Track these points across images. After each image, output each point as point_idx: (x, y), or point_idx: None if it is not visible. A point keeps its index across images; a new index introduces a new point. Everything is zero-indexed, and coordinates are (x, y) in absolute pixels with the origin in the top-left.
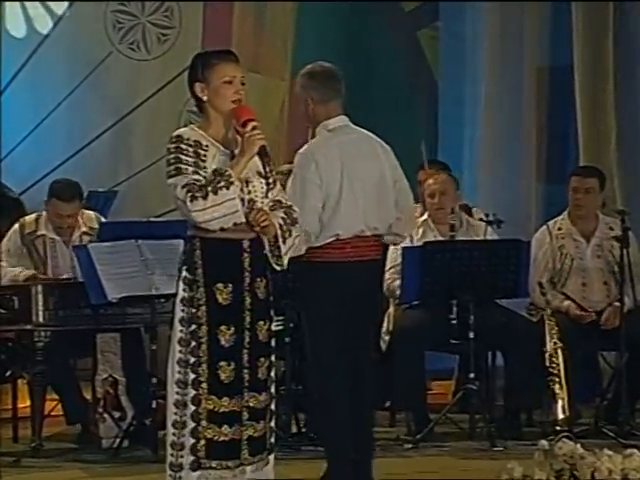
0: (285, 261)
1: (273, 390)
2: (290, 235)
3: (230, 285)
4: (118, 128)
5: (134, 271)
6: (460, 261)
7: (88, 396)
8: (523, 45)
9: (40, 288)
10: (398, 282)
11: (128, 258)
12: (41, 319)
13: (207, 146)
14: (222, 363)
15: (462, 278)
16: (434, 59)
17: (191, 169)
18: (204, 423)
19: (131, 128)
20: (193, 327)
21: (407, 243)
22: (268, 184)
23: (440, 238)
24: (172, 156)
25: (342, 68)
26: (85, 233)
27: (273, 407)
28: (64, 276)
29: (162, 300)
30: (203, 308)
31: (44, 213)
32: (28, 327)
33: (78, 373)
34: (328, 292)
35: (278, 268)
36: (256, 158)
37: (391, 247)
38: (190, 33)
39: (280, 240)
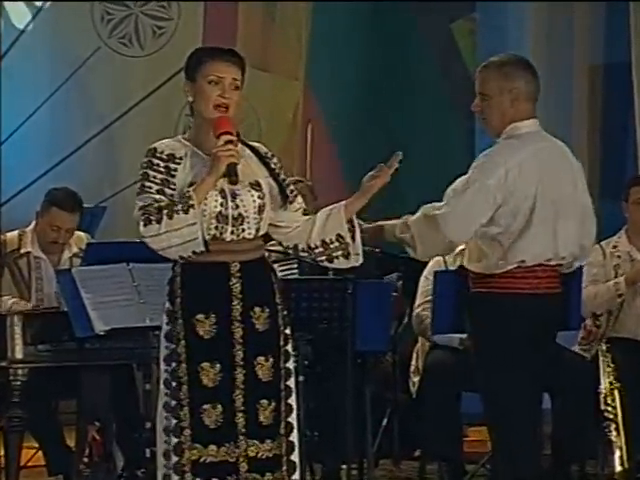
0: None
1: (294, 438)
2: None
3: (213, 315)
4: (106, 135)
5: (125, 299)
6: None
7: (71, 443)
8: (573, 39)
9: (17, 319)
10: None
11: (118, 284)
12: (18, 355)
13: (181, 158)
14: (206, 406)
15: None
16: (470, 55)
17: (155, 187)
18: (189, 477)
19: (121, 135)
20: (173, 365)
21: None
22: (286, 197)
23: None
24: (141, 172)
25: (364, 66)
26: (76, 255)
27: (295, 458)
28: (46, 304)
29: (157, 333)
30: (182, 343)
31: (28, 230)
32: (3, 364)
33: (61, 417)
34: (513, 327)
35: (356, 263)
36: (254, 165)
37: (422, 276)
38: (190, 25)
39: (356, 227)
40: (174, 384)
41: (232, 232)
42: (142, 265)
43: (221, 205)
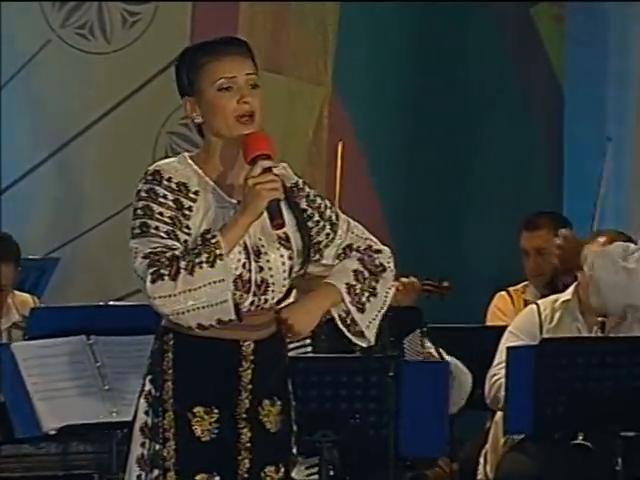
0: (371, 334)
1: None
2: (374, 296)
3: (216, 411)
4: (60, 159)
5: (83, 385)
6: (601, 370)
7: None
8: None
9: None
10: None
11: (74, 365)
12: None
13: (197, 192)
14: None
15: (604, 398)
16: (556, 48)
17: (164, 228)
18: None
19: (80, 159)
20: (156, 473)
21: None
22: (309, 257)
23: (584, 333)
24: (140, 204)
25: (409, 66)
26: (17, 325)
27: None
28: None
29: (125, 431)
30: (171, 444)
31: None
32: None
33: None
34: None
35: (364, 345)
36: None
37: (507, 330)
38: (173, 12)
39: (352, 311)
40: None
41: (252, 302)
42: (107, 338)
43: (243, 266)
